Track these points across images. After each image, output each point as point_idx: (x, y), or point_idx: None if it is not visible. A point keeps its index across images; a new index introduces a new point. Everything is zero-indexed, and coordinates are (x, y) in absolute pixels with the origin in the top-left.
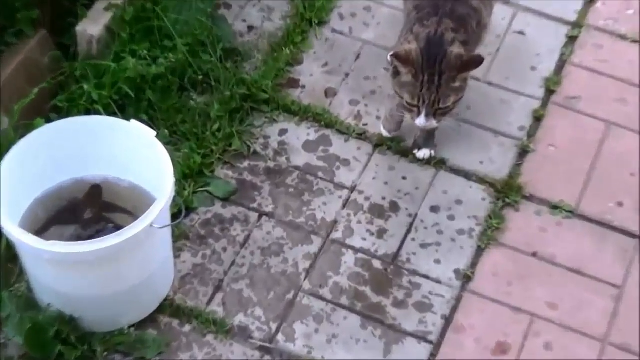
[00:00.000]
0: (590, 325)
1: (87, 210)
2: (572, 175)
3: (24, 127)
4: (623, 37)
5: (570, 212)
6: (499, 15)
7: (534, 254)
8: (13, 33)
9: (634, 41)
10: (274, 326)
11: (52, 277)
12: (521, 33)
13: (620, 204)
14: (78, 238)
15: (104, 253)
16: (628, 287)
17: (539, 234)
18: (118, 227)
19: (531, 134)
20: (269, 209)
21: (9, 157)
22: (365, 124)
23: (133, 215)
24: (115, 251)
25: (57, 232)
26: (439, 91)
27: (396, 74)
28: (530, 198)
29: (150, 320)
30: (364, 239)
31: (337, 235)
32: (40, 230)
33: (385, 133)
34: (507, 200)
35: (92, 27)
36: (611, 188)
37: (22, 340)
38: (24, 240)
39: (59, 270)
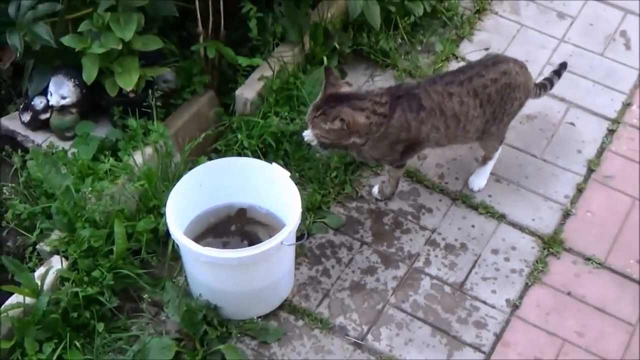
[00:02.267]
0: (609, 352)
1: (233, 225)
2: (603, 236)
3: (191, 162)
4: None
5: (600, 264)
6: (555, 109)
7: (569, 293)
8: (189, 92)
9: None
10: (365, 328)
11: (203, 274)
12: (572, 124)
13: (639, 262)
14: (224, 246)
15: (244, 260)
16: None
17: (574, 279)
18: (254, 241)
19: (573, 201)
20: (368, 239)
21: (179, 183)
22: (447, 182)
23: (269, 228)
24: (253, 259)
25: (211, 241)
26: None
27: None
28: (569, 250)
29: (273, 314)
30: (439, 269)
31: (418, 264)
32: (199, 238)
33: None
34: (551, 250)
35: (247, 91)
36: (633, 249)
37: (179, 319)
38: (186, 245)
39: (210, 269)
